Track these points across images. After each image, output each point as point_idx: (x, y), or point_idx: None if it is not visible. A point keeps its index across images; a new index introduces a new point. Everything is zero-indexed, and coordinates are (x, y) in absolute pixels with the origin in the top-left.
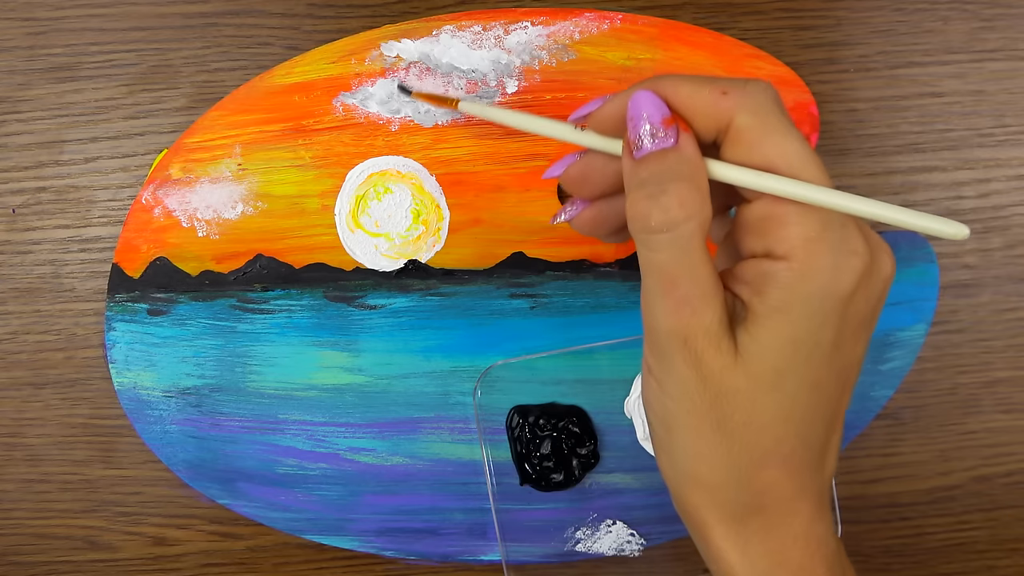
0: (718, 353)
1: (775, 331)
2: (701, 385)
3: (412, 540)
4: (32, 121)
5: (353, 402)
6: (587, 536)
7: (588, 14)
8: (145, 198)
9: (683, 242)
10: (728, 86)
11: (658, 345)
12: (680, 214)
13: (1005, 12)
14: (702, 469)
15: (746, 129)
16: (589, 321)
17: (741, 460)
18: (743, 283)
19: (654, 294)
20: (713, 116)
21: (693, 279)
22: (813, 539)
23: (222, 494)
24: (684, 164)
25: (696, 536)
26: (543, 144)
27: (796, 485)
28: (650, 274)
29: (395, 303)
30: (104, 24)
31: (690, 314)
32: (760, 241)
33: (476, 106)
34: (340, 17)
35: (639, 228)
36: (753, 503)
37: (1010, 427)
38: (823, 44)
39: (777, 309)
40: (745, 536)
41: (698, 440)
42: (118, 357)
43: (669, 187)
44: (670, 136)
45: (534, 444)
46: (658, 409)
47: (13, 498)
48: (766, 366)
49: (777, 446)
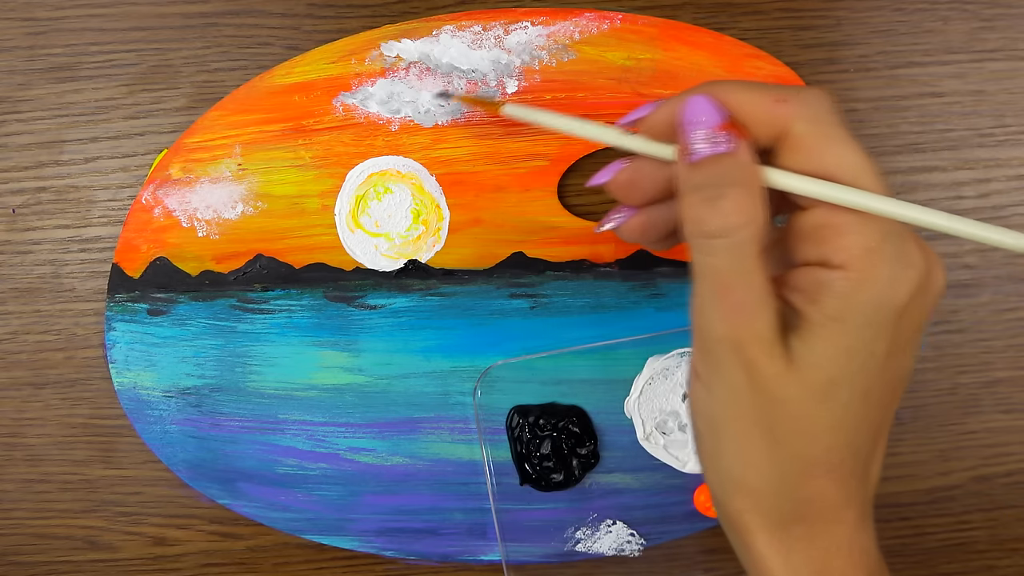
0: (771, 360)
1: (830, 340)
2: (752, 391)
3: (412, 540)
4: (32, 121)
5: (353, 402)
6: (587, 536)
7: (588, 14)
8: (145, 198)
9: (740, 248)
10: (786, 93)
11: (709, 350)
12: (738, 219)
13: (1005, 12)
14: (748, 475)
15: (805, 137)
16: (589, 321)
17: (789, 468)
18: (796, 291)
19: (707, 299)
20: (769, 123)
21: (748, 285)
22: (856, 549)
23: (222, 494)
24: (741, 169)
25: (737, 542)
26: (543, 144)
27: (843, 494)
28: (704, 279)
29: (395, 303)
30: (104, 24)
31: (744, 320)
32: (816, 249)
33: (522, 109)
34: (340, 17)
35: (695, 232)
36: (798, 511)
37: (1010, 427)
38: (823, 44)
39: (833, 318)
40: (788, 544)
41: (746, 446)
42: (118, 357)
43: (727, 192)
44: (726, 141)
45: (534, 444)
46: (705, 414)
47: (13, 498)
48: (820, 375)
49: (826, 455)
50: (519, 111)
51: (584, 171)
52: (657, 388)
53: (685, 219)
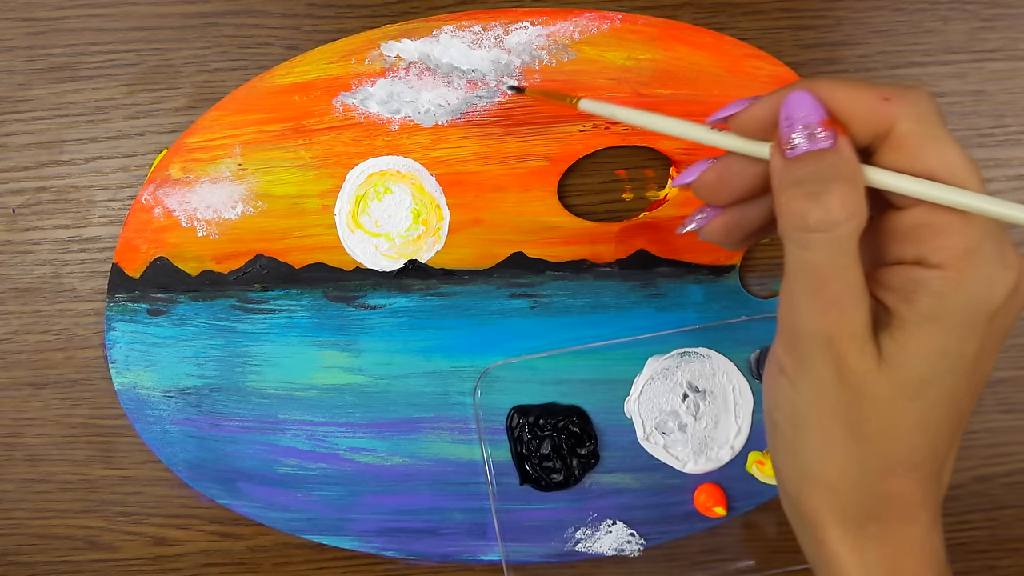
0: (862, 357)
1: (924, 339)
2: (839, 387)
3: (412, 540)
4: (32, 121)
5: (353, 402)
6: (587, 536)
7: (588, 14)
8: (145, 198)
9: (840, 243)
10: (889, 91)
11: (798, 344)
12: (841, 213)
13: (1005, 12)
14: (829, 471)
15: (909, 136)
16: (589, 321)
17: (871, 465)
18: (888, 289)
19: (801, 293)
20: (872, 121)
21: (844, 281)
22: (927, 549)
23: (222, 494)
24: (844, 165)
25: (808, 537)
26: (543, 144)
27: (920, 494)
28: (799, 273)
29: (395, 303)
30: (104, 24)
31: (838, 316)
32: (912, 248)
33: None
34: (340, 17)
35: (794, 226)
36: (875, 509)
37: (1010, 427)
38: (823, 44)
39: (928, 317)
40: (862, 541)
41: (828, 442)
42: (118, 357)
43: (831, 186)
44: (828, 137)
45: (534, 444)
46: (788, 408)
47: (13, 498)
48: (911, 374)
49: (909, 454)
50: (596, 106)
51: (584, 171)
52: (657, 388)
53: (784, 212)
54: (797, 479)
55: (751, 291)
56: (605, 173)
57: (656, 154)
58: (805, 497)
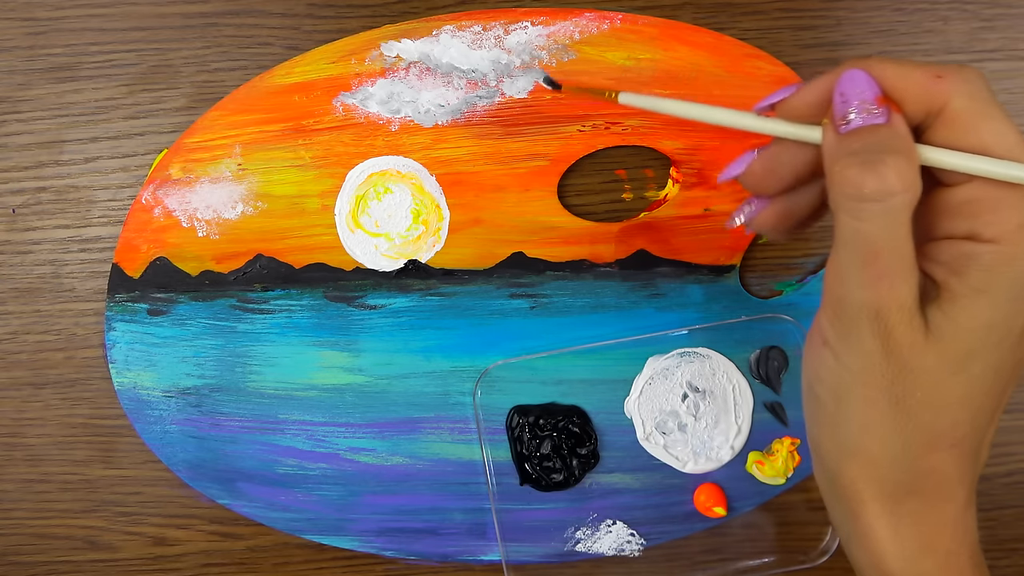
0: (909, 329)
1: (973, 312)
2: (885, 360)
3: (412, 540)
4: (32, 121)
5: (353, 402)
6: (587, 536)
7: (588, 14)
8: (145, 198)
9: (894, 214)
10: (942, 70)
11: (844, 316)
12: (897, 184)
13: (1005, 12)
14: (870, 443)
15: (962, 112)
16: (589, 321)
17: (913, 439)
18: (937, 263)
19: (851, 264)
20: (925, 99)
21: (895, 253)
22: (961, 526)
23: (222, 494)
24: (898, 140)
25: (843, 511)
26: (543, 144)
27: (958, 471)
28: (850, 244)
29: (395, 303)
30: (104, 24)
31: (887, 288)
32: (964, 223)
33: (641, 98)
34: (340, 17)
35: (849, 195)
36: (914, 484)
37: (1010, 427)
38: (823, 44)
39: (978, 290)
40: (899, 515)
41: (871, 414)
42: (118, 357)
43: (886, 158)
44: (883, 114)
45: (534, 444)
46: (830, 380)
47: (13, 498)
48: (959, 347)
49: (952, 429)
50: (637, 100)
51: (584, 171)
52: (657, 388)
53: (838, 182)
54: (837, 452)
55: (751, 291)
56: (605, 173)
57: (656, 154)
58: (844, 470)
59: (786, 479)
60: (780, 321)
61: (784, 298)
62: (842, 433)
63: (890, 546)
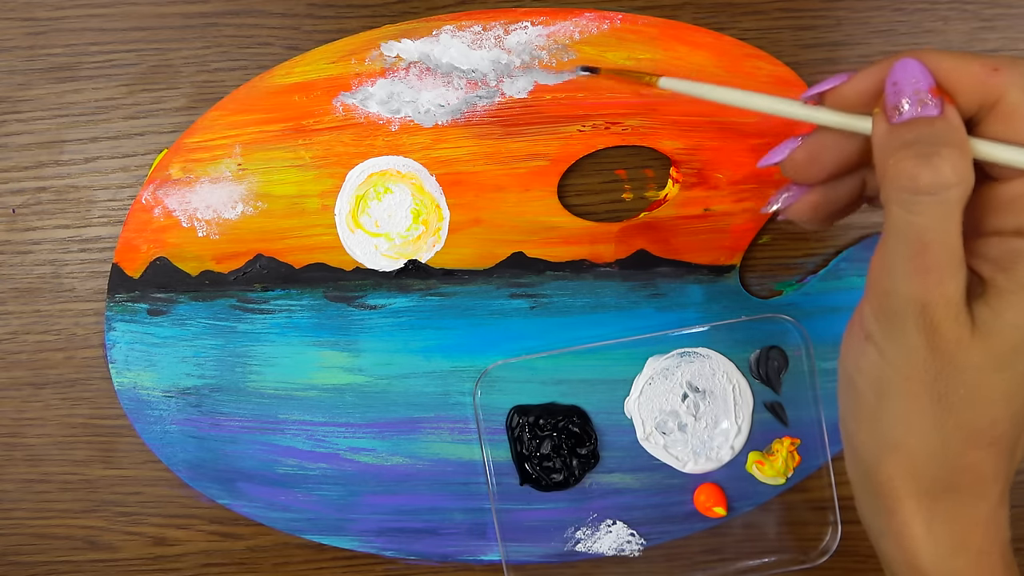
0: (955, 325)
1: (1021, 309)
2: (930, 355)
3: (412, 540)
4: (32, 121)
5: (353, 402)
6: (587, 536)
7: (588, 14)
8: (145, 198)
9: (947, 207)
10: (999, 62)
11: (889, 309)
12: (952, 177)
13: (1005, 12)
14: (909, 439)
15: (1019, 106)
16: (589, 321)
17: (953, 436)
18: (984, 259)
19: (899, 257)
20: (980, 92)
21: (945, 246)
22: (994, 525)
23: (222, 494)
24: (953, 132)
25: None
26: (543, 144)
27: (995, 469)
28: (900, 236)
29: (395, 303)
30: (104, 24)
31: (935, 282)
32: (1014, 219)
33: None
34: (340, 17)
35: (902, 187)
36: (949, 481)
37: None
38: (823, 44)
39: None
40: (934, 513)
41: (913, 409)
42: (118, 357)
43: (942, 150)
44: (937, 105)
45: (534, 444)
46: (872, 374)
47: (13, 498)
48: (1004, 343)
49: (992, 427)
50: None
51: (584, 171)
52: (657, 388)
53: (892, 174)
54: (875, 447)
55: (751, 291)
56: (605, 173)
57: (656, 154)
58: (882, 465)
59: (786, 479)
60: (780, 321)
61: (784, 298)
62: (882, 427)
63: (923, 543)
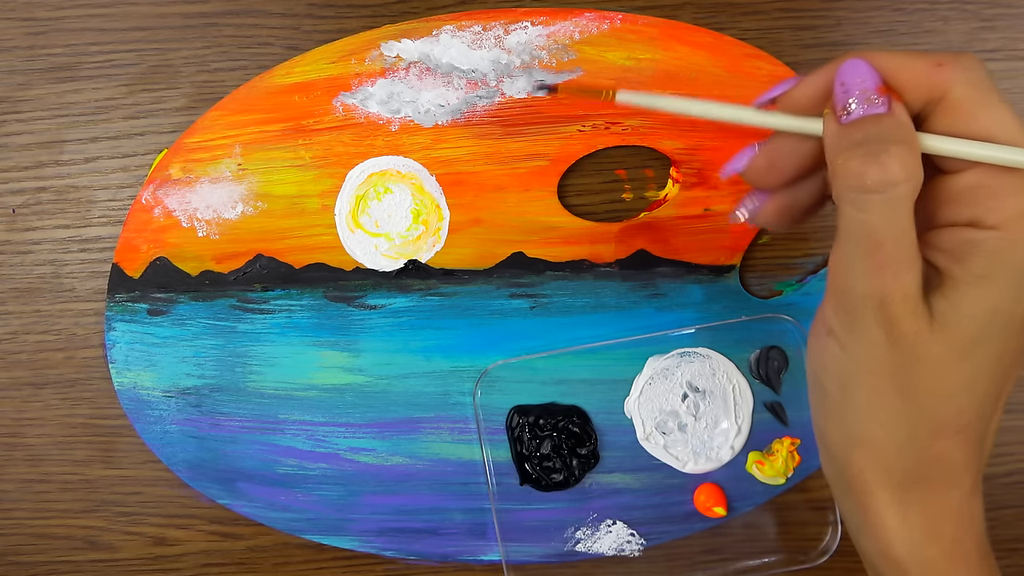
0: (913, 318)
1: (976, 299)
2: (890, 348)
3: (412, 540)
4: (32, 121)
5: (353, 402)
6: (587, 536)
7: (588, 14)
8: (145, 198)
9: (896, 204)
10: (942, 58)
11: (848, 306)
12: (900, 175)
13: (1005, 12)
14: (876, 432)
15: (964, 100)
16: (589, 321)
17: (919, 427)
18: (939, 250)
19: (854, 255)
20: (925, 87)
21: (898, 242)
22: (967, 514)
23: (222, 494)
24: (900, 129)
25: (851, 501)
26: (543, 144)
27: (964, 459)
28: (852, 235)
29: (395, 303)
30: (104, 24)
31: (891, 277)
32: (966, 210)
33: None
34: (340, 17)
35: (851, 187)
36: (920, 472)
37: (1010, 427)
38: (823, 44)
39: (981, 277)
40: (906, 504)
41: (877, 403)
42: (118, 357)
43: (889, 148)
44: (884, 103)
45: (534, 444)
46: (835, 370)
47: (13, 498)
48: (962, 334)
49: (956, 417)
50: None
51: (584, 171)
52: (657, 388)
53: (841, 174)
54: (844, 442)
55: (751, 291)
56: (605, 173)
57: (656, 154)
58: (852, 459)
59: (786, 479)
60: (780, 321)
61: (784, 298)
62: (849, 422)
63: (897, 534)
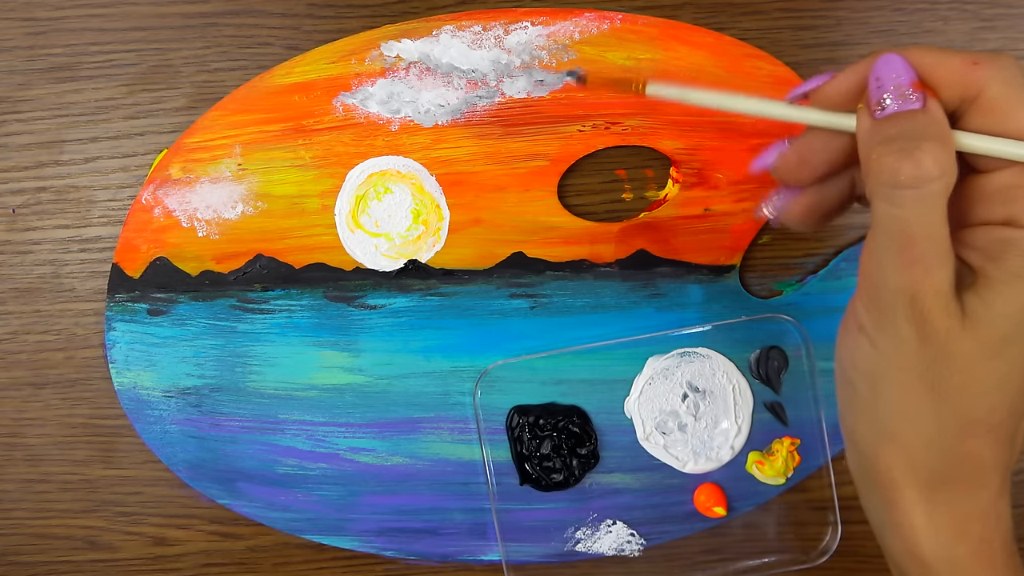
0: (945, 315)
1: (1010, 298)
2: (921, 345)
3: (412, 540)
4: (32, 121)
5: (353, 402)
6: (587, 536)
7: (588, 14)
8: (145, 198)
9: (929, 200)
10: (978, 57)
11: (880, 302)
12: (934, 171)
13: (1005, 12)
14: (906, 429)
15: (999, 99)
16: (589, 321)
17: (949, 425)
18: (973, 249)
19: (886, 250)
20: (960, 86)
21: (931, 238)
22: (994, 514)
23: (222, 494)
24: (935, 125)
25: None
26: (543, 144)
27: (994, 457)
28: (885, 230)
29: (395, 303)
30: (104, 24)
31: (923, 273)
32: (1001, 209)
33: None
34: (340, 17)
35: (885, 182)
36: (949, 470)
37: None
38: (823, 44)
39: (1016, 276)
40: (934, 502)
41: (907, 400)
42: (118, 357)
43: (923, 144)
44: (919, 99)
45: (534, 444)
46: (865, 367)
47: (13, 498)
48: (995, 332)
49: (988, 415)
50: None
51: (584, 171)
52: (657, 388)
53: (874, 169)
54: (872, 438)
55: (751, 291)
56: (605, 173)
57: (656, 154)
58: (880, 456)
59: (786, 479)
60: (780, 321)
61: (784, 298)
62: (878, 419)
63: (924, 533)
